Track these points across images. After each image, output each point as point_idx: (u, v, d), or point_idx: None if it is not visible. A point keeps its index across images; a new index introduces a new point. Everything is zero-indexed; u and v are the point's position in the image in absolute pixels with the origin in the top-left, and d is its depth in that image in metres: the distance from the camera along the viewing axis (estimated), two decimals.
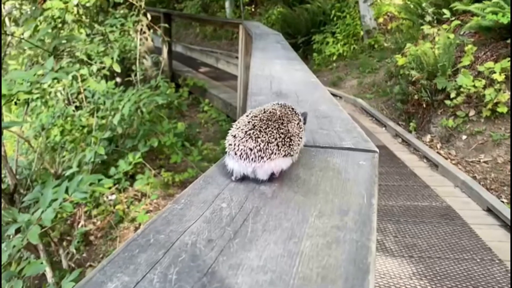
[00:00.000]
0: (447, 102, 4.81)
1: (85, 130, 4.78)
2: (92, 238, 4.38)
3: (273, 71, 1.57)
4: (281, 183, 0.64)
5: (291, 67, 1.71)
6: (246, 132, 0.69)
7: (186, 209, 0.55)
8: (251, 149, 0.67)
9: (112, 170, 3.89)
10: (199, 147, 5.45)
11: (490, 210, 3.49)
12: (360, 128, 0.90)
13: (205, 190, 0.61)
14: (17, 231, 2.45)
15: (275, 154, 0.68)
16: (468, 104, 4.76)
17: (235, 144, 0.69)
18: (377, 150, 0.76)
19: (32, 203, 3.17)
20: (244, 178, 0.69)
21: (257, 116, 0.72)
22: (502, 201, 3.67)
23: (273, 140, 0.69)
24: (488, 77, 4.60)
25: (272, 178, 0.68)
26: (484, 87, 4.55)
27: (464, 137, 4.65)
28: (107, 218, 4.48)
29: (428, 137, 5.01)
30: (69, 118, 4.76)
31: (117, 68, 3.55)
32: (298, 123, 0.77)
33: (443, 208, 3.57)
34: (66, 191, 2.64)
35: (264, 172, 0.67)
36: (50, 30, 4.55)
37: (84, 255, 4.19)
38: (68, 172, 4.20)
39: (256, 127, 0.70)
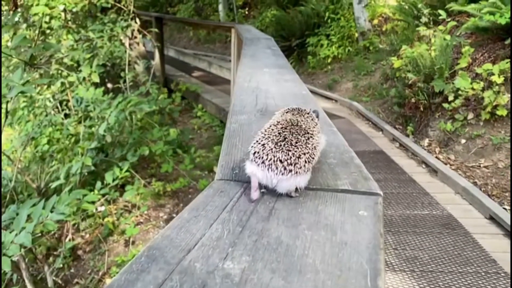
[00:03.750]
0: (445, 105, 4.69)
1: (73, 139, 4.61)
2: (80, 252, 4.20)
3: (260, 83, 1.42)
4: (254, 255, 0.47)
5: (280, 76, 1.57)
6: (277, 143, 0.70)
7: None
8: (281, 161, 0.68)
9: (98, 185, 3.72)
10: (192, 154, 5.28)
11: (493, 218, 3.36)
12: (358, 159, 0.75)
13: (145, 275, 0.42)
14: None
15: (303, 169, 0.68)
16: (467, 107, 4.63)
17: (263, 153, 0.69)
18: (381, 193, 0.61)
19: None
20: (265, 188, 0.69)
21: (286, 128, 0.74)
22: (505, 208, 3.54)
23: (302, 155, 0.69)
24: (487, 79, 4.49)
25: (289, 194, 0.69)
26: (483, 90, 4.43)
27: (463, 141, 4.52)
28: (96, 231, 4.30)
29: (426, 141, 4.88)
30: (57, 127, 4.59)
31: (95, 78, 3.39)
32: (316, 128, 0.79)
33: (444, 216, 3.43)
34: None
35: (287, 186, 0.67)
36: (35, 37, 4.40)
37: (72, 270, 4.02)
38: (54, 184, 4.03)
39: (287, 140, 0.71)
